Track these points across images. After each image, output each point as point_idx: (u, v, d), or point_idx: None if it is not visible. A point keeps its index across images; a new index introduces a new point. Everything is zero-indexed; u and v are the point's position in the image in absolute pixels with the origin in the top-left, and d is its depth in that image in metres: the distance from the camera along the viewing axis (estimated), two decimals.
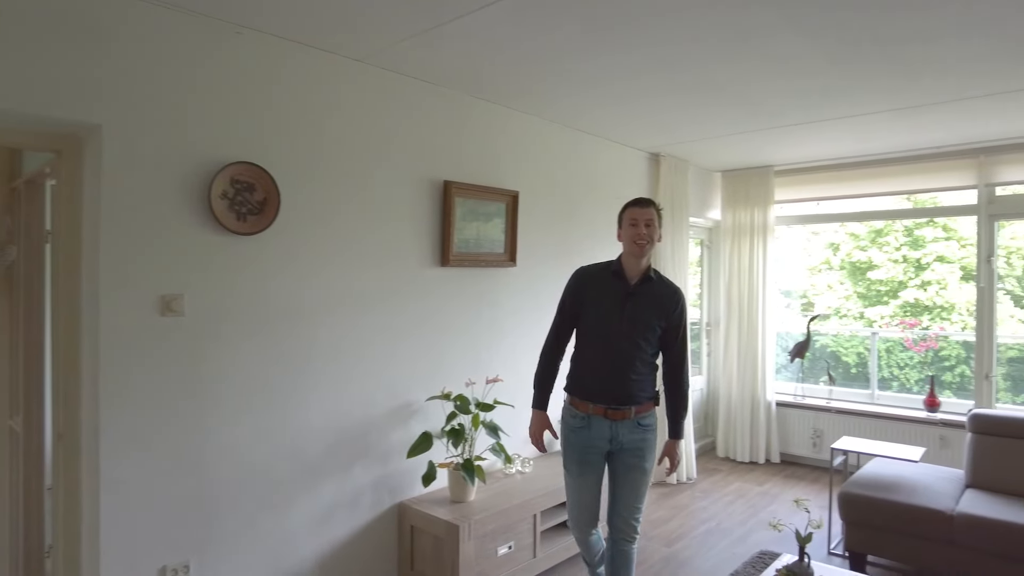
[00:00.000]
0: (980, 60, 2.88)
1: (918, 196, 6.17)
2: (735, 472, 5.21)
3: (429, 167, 3.26)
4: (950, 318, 7.87)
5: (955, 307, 7.97)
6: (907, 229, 8.18)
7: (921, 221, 7.78)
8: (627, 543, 2.63)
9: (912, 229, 8.17)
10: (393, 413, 3.11)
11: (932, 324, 7.73)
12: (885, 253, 8.41)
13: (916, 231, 8.13)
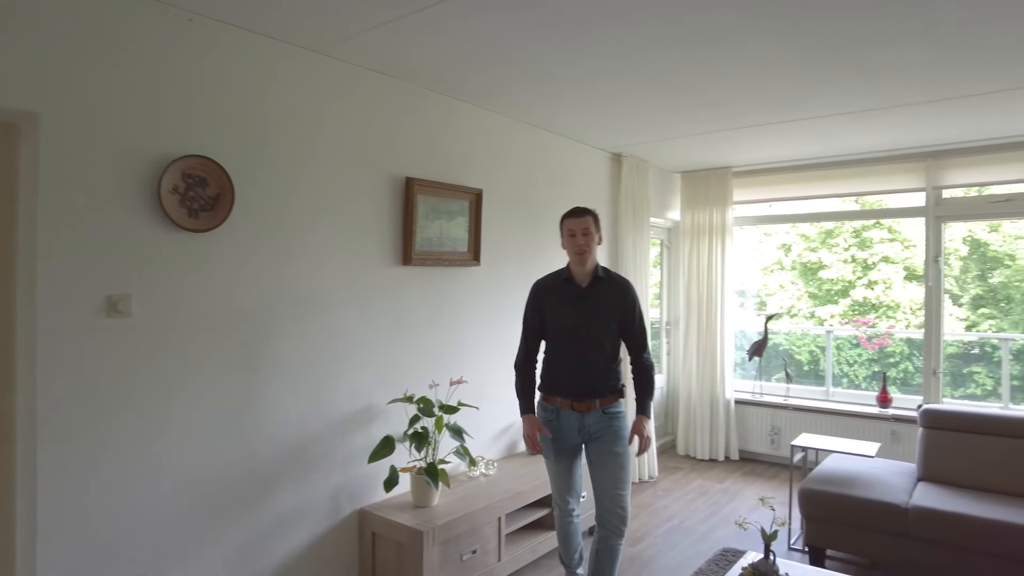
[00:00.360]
0: (929, 66, 2.96)
1: (866, 198, 6.37)
2: (696, 470, 5.26)
3: (391, 163, 3.17)
4: (895, 316, 8.16)
5: (900, 306, 8.28)
6: (855, 231, 8.46)
7: (868, 223, 8.04)
8: (614, 537, 2.75)
9: (860, 231, 8.45)
10: (353, 417, 3.02)
11: (880, 322, 7.98)
12: (835, 254, 8.68)
13: (864, 232, 8.42)
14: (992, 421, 3.50)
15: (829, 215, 5.90)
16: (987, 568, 2.98)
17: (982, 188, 4.79)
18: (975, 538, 2.99)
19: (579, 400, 2.72)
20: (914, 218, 5.65)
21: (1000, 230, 7.52)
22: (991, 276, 7.85)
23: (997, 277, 7.79)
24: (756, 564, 2.53)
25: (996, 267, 7.85)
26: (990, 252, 7.82)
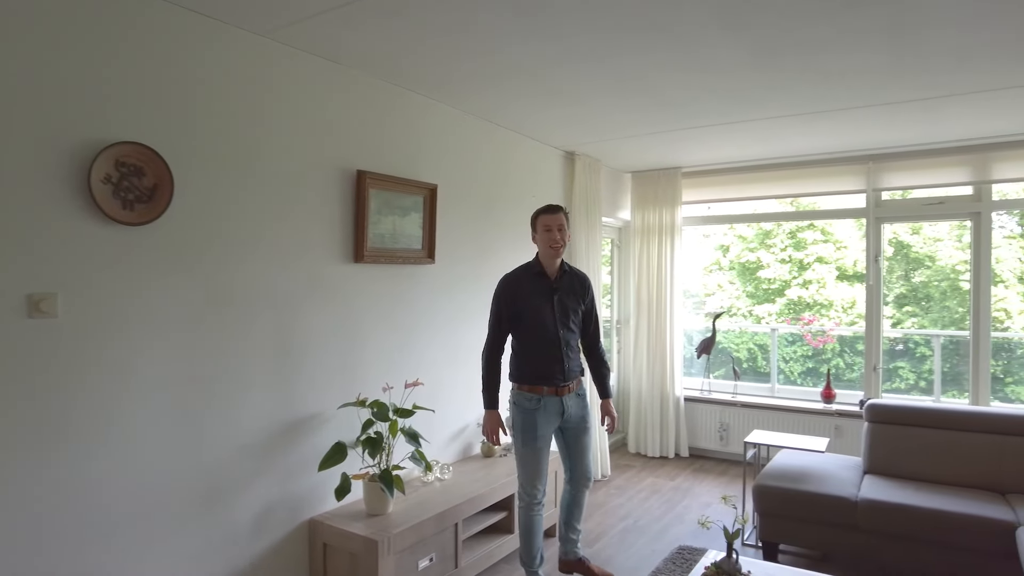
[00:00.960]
0: (877, 71, 3.04)
1: (800, 200, 6.56)
2: (647, 467, 5.29)
3: (341, 155, 3.03)
4: (828, 314, 8.47)
5: (833, 304, 8.61)
6: (790, 232, 8.74)
7: (803, 224, 8.30)
8: (585, 489, 3.19)
9: (795, 232, 8.75)
10: (302, 423, 2.86)
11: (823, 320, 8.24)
12: (772, 254, 8.95)
13: (799, 234, 8.72)
14: (934, 414, 3.63)
15: (775, 216, 6.05)
16: (933, 556, 3.08)
17: (905, 192, 4.96)
18: (921, 528, 3.08)
19: (560, 386, 2.98)
20: (856, 219, 5.83)
21: (921, 232, 7.92)
22: (913, 276, 8.24)
23: (919, 277, 8.18)
24: (719, 563, 2.52)
25: (917, 267, 8.24)
26: (912, 253, 8.21)
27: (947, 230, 7.63)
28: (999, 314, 7.57)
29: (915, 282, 8.22)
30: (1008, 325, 7.64)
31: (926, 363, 7.48)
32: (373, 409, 2.88)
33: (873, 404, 3.83)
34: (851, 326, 8.03)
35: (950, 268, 7.86)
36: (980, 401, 4.54)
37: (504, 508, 3.50)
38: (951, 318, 7.80)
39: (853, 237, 8.38)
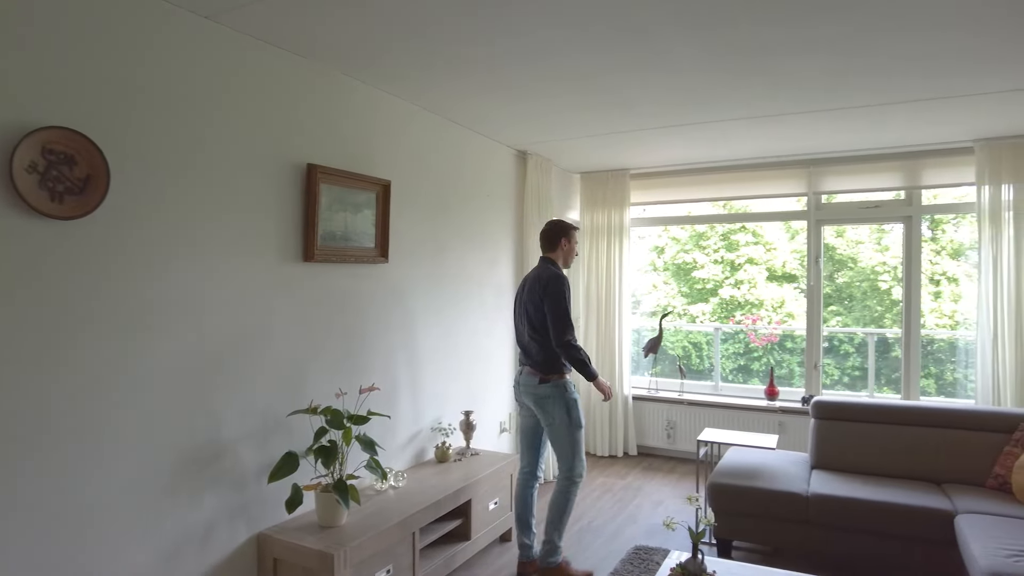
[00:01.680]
0: (828, 76, 3.11)
1: (733, 203, 6.74)
2: (597, 467, 5.30)
3: (291, 148, 2.86)
4: (758, 313, 8.77)
5: (763, 303, 8.93)
6: (723, 234, 9.01)
7: (735, 227, 8.55)
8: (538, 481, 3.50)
9: (728, 234, 9.03)
10: (249, 432, 2.68)
11: (760, 319, 8.50)
12: (706, 255, 9.20)
13: (731, 236, 8.99)
14: (876, 410, 3.77)
15: (722, 217, 6.17)
16: (878, 546, 3.19)
17: (831, 196, 5.15)
18: (868, 519, 3.19)
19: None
20: (797, 221, 6.01)
21: (844, 235, 8.31)
22: (837, 277, 8.63)
23: (842, 278, 8.57)
24: (685, 564, 2.51)
25: (840, 269, 8.63)
26: (836, 255, 8.60)
27: (867, 233, 8.02)
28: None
29: (839, 283, 8.61)
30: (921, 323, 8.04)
31: (849, 359, 7.86)
32: (326, 416, 2.73)
33: (819, 401, 3.94)
34: (781, 324, 8.32)
35: (870, 269, 8.26)
36: (911, 396, 4.77)
37: (461, 515, 3.41)
38: (871, 316, 8.21)
39: (782, 239, 8.72)
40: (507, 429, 4.71)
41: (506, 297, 4.71)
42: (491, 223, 4.52)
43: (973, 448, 3.48)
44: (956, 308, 7.94)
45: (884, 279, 8.21)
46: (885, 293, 8.30)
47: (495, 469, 3.65)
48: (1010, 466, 3.29)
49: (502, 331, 4.66)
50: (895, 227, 7.57)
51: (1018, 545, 2.62)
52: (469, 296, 4.24)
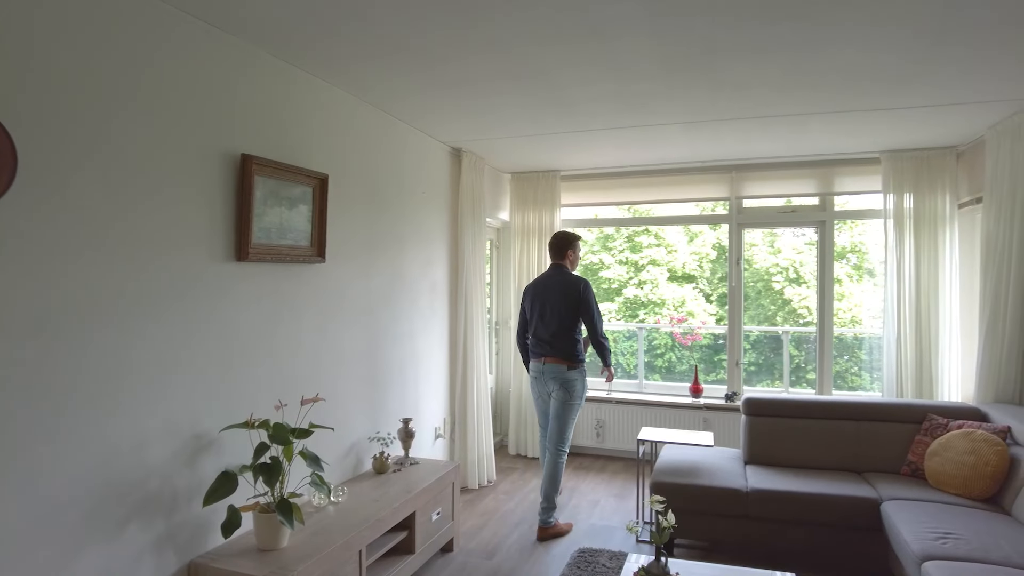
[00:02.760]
0: (766, 86, 3.23)
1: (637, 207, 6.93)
2: (530, 469, 5.26)
3: (223, 136, 2.60)
4: (660, 312, 9.09)
5: (665, 302, 9.29)
6: (628, 236, 9.30)
7: (639, 229, 8.83)
8: None
9: (632, 236, 9.32)
10: (177, 451, 2.40)
11: (687, 318, 8.78)
12: (612, 256, 9.45)
13: (635, 238, 9.30)
14: (803, 405, 3.96)
15: (645, 219, 6.29)
16: (812, 536, 3.34)
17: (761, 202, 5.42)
18: (803, 511, 3.33)
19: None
20: (721, 224, 6.23)
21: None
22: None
23: None
24: (647, 567, 2.49)
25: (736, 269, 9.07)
26: None
27: (761, 236, 8.51)
28: (803, 311, 8.58)
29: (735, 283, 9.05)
30: (809, 320, 8.63)
31: (745, 356, 8.30)
32: (269, 431, 2.50)
33: (749, 398, 4.08)
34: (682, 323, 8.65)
35: (764, 271, 8.76)
36: (825, 390, 5.07)
37: (405, 528, 3.24)
38: (765, 315, 8.72)
39: (681, 242, 9.10)
40: (442, 435, 4.57)
41: (441, 298, 4.57)
42: (426, 222, 4.36)
43: (888, 438, 3.72)
44: (840, 307, 8.58)
45: (777, 280, 8.74)
46: (778, 293, 8.84)
47: (438, 478, 3.51)
48: (921, 454, 3.54)
49: (437, 333, 4.51)
50: (785, 231, 8.09)
51: (943, 528, 2.81)
52: (404, 297, 4.07)
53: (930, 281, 4.49)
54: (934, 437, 3.53)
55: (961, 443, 3.31)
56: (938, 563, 2.54)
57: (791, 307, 8.80)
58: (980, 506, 3.12)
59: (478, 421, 4.73)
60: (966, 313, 4.47)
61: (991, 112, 3.67)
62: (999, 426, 3.36)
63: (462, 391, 4.69)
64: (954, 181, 4.47)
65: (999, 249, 3.72)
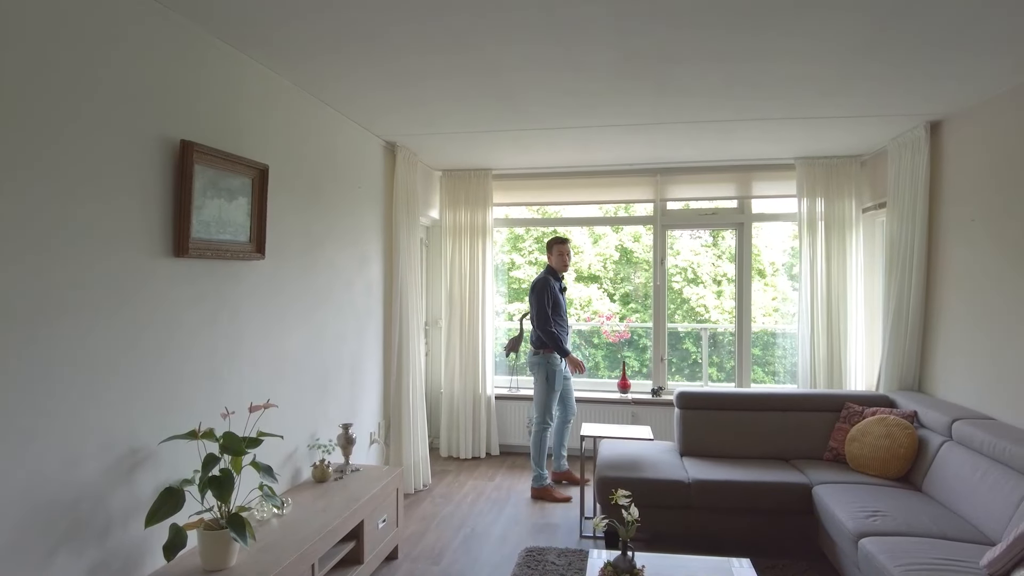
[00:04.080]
0: (710, 92, 3.35)
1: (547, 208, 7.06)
2: (463, 470, 5.20)
3: (160, 120, 2.37)
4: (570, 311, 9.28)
5: (573, 302, 9.55)
6: (537, 237, 9.48)
7: (547, 230, 9.02)
8: (572, 418, 4.86)
9: (541, 237, 9.51)
10: (112, 467, 2.16)
11: (614, 316, 8.96)
12: (523, 256, 9.60)
13: (544, 239, 9.48)
14: (733, 398, 4.15)
15: (576, 220, 6.37)
16: (750, 522, 3.51)
17: (686, 204, 5.66)
18: (742, 499, 3.49)
19: (570, 352, 4.63)
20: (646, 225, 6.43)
21: (640, 240, 9.17)
22: (635, 277, 9.50)
23: (638, 278, 9.44)
24: (614, 562, 2.52)
25: (636, 270, 9.51)
26: (633, 258, 9.47)
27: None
28: (700, 309, 9.07)
29: (636, 282, 9.46)
30: (706, 317, 9.11)
31: (647, 352, 8.67)
32: (218, 441, 2.30)
33: (683, 392, 4.23)
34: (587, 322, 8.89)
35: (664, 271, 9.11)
36: (743, 383, 5.35)
37: (353, 537, 3.10)
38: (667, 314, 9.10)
39: (587, 243, 9.38)
40: (377, 440, 4.41)
41: (376, 297, 4.42)
42: (362, 218, 4.20)
43: (811, 426, 3.98)
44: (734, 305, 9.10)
45: (676, 280, 9.17)
46: (676, 292, 9.27)
47: (383, 485, 3.38)
48: (842, 440, 3.82)
49: (372, 334, 4.36)
50: (683, 233, 8.49)
51: (871, 507, 3.04)
52: (340, 297, 3.89)
53: (839, 280, 4.85)
54: (852, 424, 3.81)
55: (877, 428, 3.59)
56: (873, 539, 2.74)
57: (689, 305, 9.25)
58: (896, 485, 3.40)
59: (413, 424, 4.61)
60: (869, 309, 4.88)
61: (894, 125, 4.01)
62: (907, 411, 3.68)
63: (397, 394, 4.55)
64: (858, 188, 4.86)
65: (903, 251, 4.07)
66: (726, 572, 2.57)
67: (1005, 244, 3.29)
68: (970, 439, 3.14)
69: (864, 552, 2.71)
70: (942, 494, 3.16)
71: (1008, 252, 3.27)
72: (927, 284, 3.99)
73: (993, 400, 3.37)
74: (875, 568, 2.59)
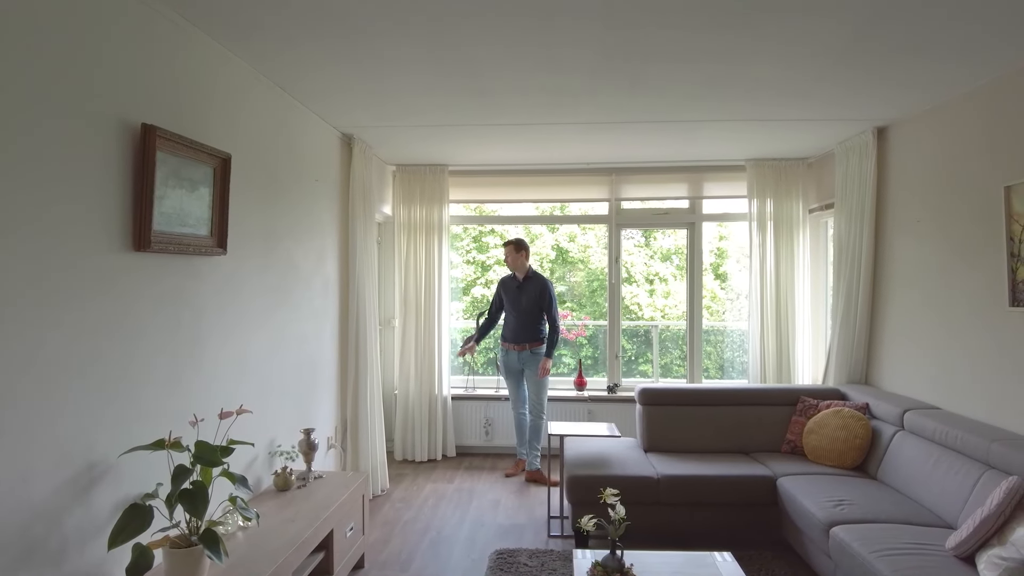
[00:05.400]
0: (683, 90, 3.39)
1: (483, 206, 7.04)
2: (420, 473, 5.07)
3: (116, 101, 2.16)
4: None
5: None
6: (474, 237, 9.46)
7: (486, 229, 9.04)
8: (537, 419, 4.93)
9: (479, 236, 9.50)
10: (67, 484, 1.95)
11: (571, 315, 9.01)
12: (460, 256, 9.56)
13: (482, 238, 9.48)
14: (696, 393, 4.23)
15: (532, 218, 6.34)
16: (716, 515, 3.57)
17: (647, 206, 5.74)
18: (709, 493, 3.55)
19: (518, 344, 4.92)
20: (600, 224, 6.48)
21: (576, 240, 9.30)
22: (570, 276, 9.63)
23: (573, 278, 9.58)
24: (603, 561, 2.50)
25: (572, 270, 9.65)
26: (568, 257, 9.60)
27: (595, 239, 9.06)
28: (634, 307, 9.28)
29: (571, 281, 9.59)
30: (640, 315, 9.32)
31: (583, 350, 8.81)
32: (189, 451, 2.11)
33: (645, 389, 4.27)
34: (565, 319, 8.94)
35: (599, 270, 9.33)
36: (695, 379, 5.47)
37: (323, 548, 2.95)
38: (600, 311, 9.30)
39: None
40: (335, 445, 4.23)
41: (332, 296, 4.24)
42: (321, 214, 4.02)
43: (768, 420, 4.10)
44: (666, 303, 9.39)
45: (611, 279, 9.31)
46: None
47: (350, 492, 3.24)
48: (799, 432, 3.95)
49: (329, 334, 4.17)
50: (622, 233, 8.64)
51: (836, 496, 3.15)
52: (299, 296, 3.70)
53: (787, 278, 5.04)
54: (808, 417, 3.95)
55: (833, 420, 3.74)
56: (844, 527, 2.84)
57: (624, 304, 9.44)
58: (853, 474, 3.55)
59: (371, 427, 4.45)
60: (815, 306, 5.09)
61: (842, 129, 4.20)
62: (860, 403, 3.85)
63: (354, 396, 4.38)
64: (805, 189, 5.06)
65: (851, 250, 4.26)
66: (711, 566, 2.60)
67: (949, 243, 3.49)
68: (922, 428, 3.31)
69: (837, 540, 2.80)
70: (897, 481, 3.32)
71: (952, 251, 3.47)
72: (874, 282, 4.20)
73: (938, 391, 3.57)
74: (848, 555, 2.68)
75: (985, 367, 3.20)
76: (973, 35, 2.65)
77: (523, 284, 4.95)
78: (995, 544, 2.38)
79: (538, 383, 4.90)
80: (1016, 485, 2.43)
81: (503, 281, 5.08)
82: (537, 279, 4.95)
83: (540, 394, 4.92)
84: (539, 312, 4.93)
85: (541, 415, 4.92)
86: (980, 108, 3.26)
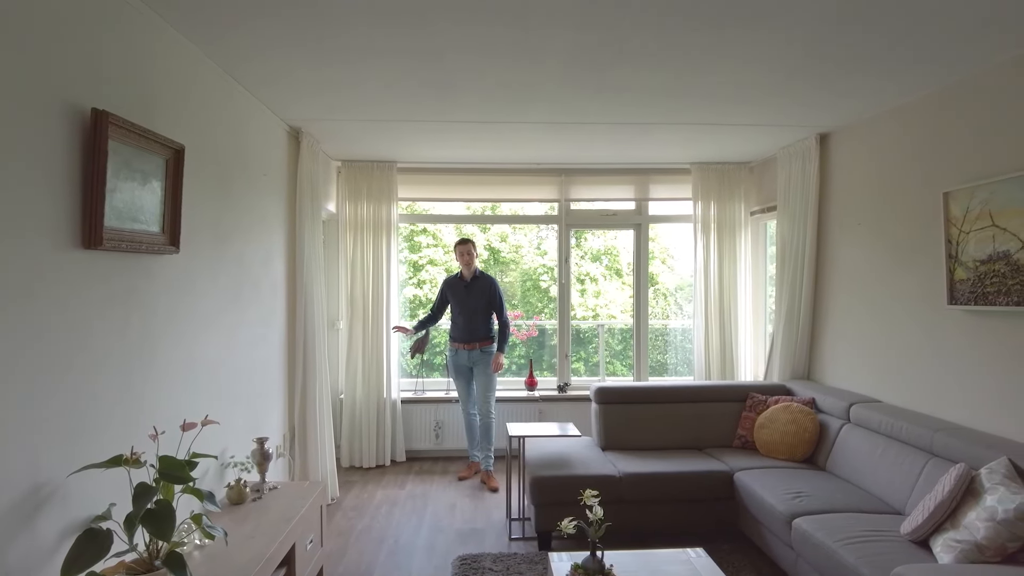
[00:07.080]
0: (653, 91, 3.42)
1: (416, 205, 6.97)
2: (370, 480, 4.91)
3: (62, 83, 1.95)
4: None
5: None
6: (407, 236, 9.36)
7: (418, 228, 8.98)
8: (486, 419, 4.91)
9: (411, 236, 9.40)
10: (9, 511, 1.74)
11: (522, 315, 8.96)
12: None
13: (415, 237, 9.39)
14: (650, 391, 4.30)
15: (481, 217, 6.29)
16: (676, 511, 3.65)
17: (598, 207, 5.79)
18: (671, 489, 3.63)
19: (468, 343, 4.89)
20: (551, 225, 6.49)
21: (508, 240, 9.36)
22: (504, 276, 9.68)
23: (507, 277, 9.65)
24: (583, 563, 2.48)
25: (504, 270, 9.71)
26: (501, 257, 9.66)
27: (527, 240, 9.14)
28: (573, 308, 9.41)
29: (505, 281, 9.64)
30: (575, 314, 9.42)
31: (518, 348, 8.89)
32: (156, 468, 1.93)
33: (601, 387, 4.31)
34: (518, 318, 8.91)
35: (532, 270, 9.42)
36: (642, 376, 5.57)
37: (285, 563, 2.78)
38: (535, 310, 9.39)
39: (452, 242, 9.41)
40: (284, 454, 4.02)
41: (280, 297, 4.03)
42: (268, 210, 3.81)
43: (719, 416, 4.22)
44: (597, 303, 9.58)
45: (544, 279, 9.45)
46: (544, 291, 9.56)
47: (309, 504, 3.08)
48: (749, 427, 4.09)
49: (276, 337, 3.96)
50: (549, 234, 8.76)
51: (793, 488, 3.27)
52: (250, 296, 3.50)
53: (729, 279, 5.21)
54: (758, 412, 4.09)
55: (783, 415, 3.89)
56: (805, 518, 2.95)
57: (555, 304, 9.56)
58: (804, 467, 3.70)
59: (320, 434, 4.27)
60: (756, 305, 5.28)
61: (785, 135, 4.37)
62: (806, 398, 4.03)
63: (302, 402, 4.19)
64: (747, 192, 5.25)
65: (794, 251, 4.45)
66: (686, 563, 2.63)
67: (887, 245, 3.70)
68: (867, 421, 3.49)
69: (799, 531, 2.90)
70: (846, 472, 3.49)
71: (890, 252, 3.68)
72: (816, 281, 4.40)
73: (878, 384, 3.78)
74: (812, 545, 2.79)
75: (923, 362, 3.41)
76: (909, 54, 2.83)
77: (471, 284, 4.93)
78: (948, 528, 2.53)
79: (487, 383, 4.86)
80: (964, 472, 2.59)
81: (448, 282, 5.03)
82: (484, 278, 4.95)
83: (488, 394, 4.88)
84: (488, 311, 4.91)
85: (490, 414, 4.88)
86: (919, 119, 3.47)
